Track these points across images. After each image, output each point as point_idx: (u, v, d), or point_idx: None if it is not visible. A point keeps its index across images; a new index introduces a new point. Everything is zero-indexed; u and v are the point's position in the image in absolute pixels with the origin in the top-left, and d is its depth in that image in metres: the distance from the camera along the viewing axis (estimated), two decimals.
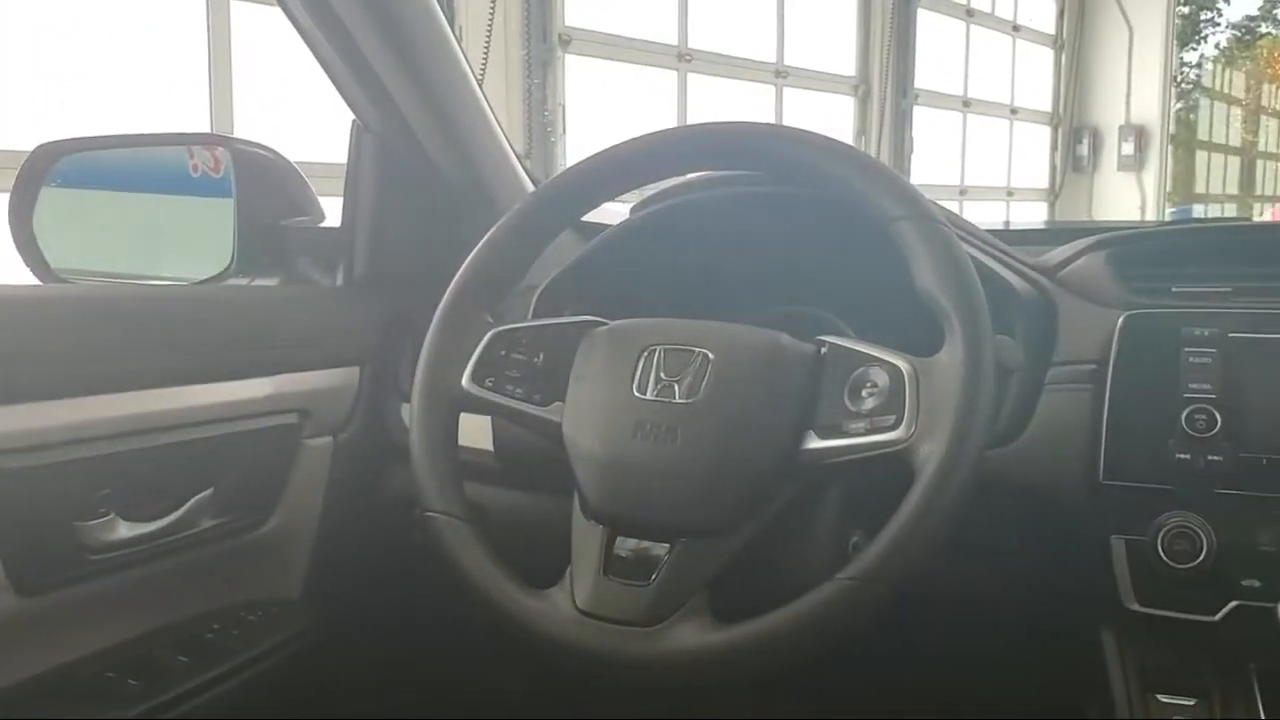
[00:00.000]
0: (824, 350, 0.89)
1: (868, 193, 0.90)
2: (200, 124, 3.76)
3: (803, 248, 1.15)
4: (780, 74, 7.13)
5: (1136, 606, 0.99)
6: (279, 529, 1.22)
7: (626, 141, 1.00)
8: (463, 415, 0.97)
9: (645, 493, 0.87)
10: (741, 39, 6.79)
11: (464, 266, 1.00)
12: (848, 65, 7.95)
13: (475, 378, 0.96)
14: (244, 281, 1.34)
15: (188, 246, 1.39)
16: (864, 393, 0.84)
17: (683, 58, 6.33)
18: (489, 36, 2.92)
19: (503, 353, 0.96)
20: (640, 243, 1.16)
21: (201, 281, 1.30)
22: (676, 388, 0.89)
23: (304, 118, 2.80)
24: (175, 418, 1.08)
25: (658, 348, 0.91)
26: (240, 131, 3.73)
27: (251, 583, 1.23)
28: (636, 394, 0.90)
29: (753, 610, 0.82)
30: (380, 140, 1.33)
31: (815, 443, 0.85)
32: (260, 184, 1.33)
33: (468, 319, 0.98)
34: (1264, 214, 15.25)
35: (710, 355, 0.90)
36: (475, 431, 1.12)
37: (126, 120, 3.45)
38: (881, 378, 0.84)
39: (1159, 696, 1.01)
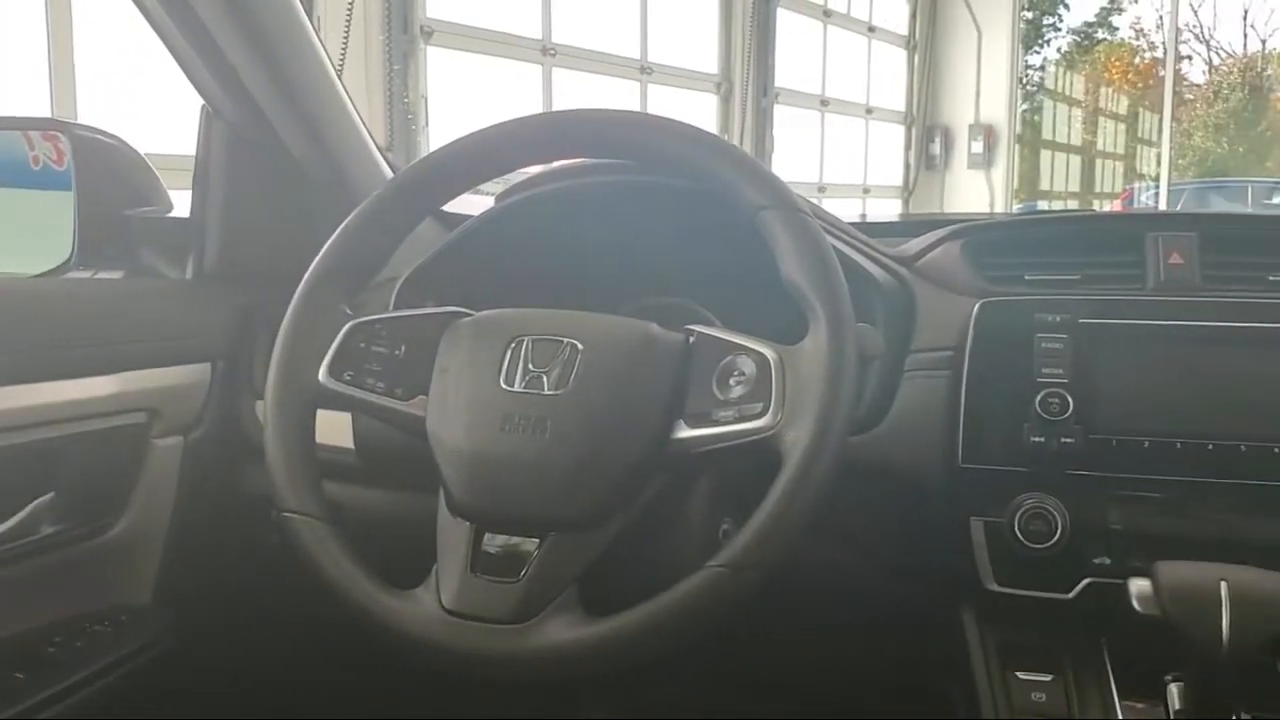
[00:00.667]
0: (692, 339, 0.89)
1: (733, 183, 0.90)
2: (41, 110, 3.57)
3: (670, 238, 1.15)
4: (645, 70, 7.17)
5: (995, 586, 1.02)
6: (127, 533, 1.16)
7: (489, 127, 0.97)
8: (322, 412, 0.94)
9: (513, 487, 0.85)
10: (606, 34, 6.81)
11: (320, 256, 0.97)
12: (711, 63, 8.05)
13: (333, 372, 0.92)
14: (86, 274, 1.28)
15: (23, 238, 1.32)
16: (732, 381, 0.85)
17: (547, 52, 6.30)
18: (348, 24, 2.86)
19: (362, 345, 0.93)
20: (505, 232, 1.14)
21: (38, 275, 1.24)
22: (545, 379, 0.88)
23: (157, 105, 2.68)
24: (10, 418, 1.01)
25: (526, 338, 0.90)
26: (85, 119, 3.55)
27: (99, 591, 1.17)
28: (504, 386, 0.88)
29: (624, 602, 0.81)
30: (232, 127, 1.28)
31: (685, 432, 0.85)
32: (102, 172, 1.28)
33: (324, 310, 0.95)
34: (1104, 209, 16.02)
35: (579, 346, 0.89)
36: (335, 428, 1.09)
37: None
38: (749, 366, 0.84)
39: (1018, 674, 1.04)
